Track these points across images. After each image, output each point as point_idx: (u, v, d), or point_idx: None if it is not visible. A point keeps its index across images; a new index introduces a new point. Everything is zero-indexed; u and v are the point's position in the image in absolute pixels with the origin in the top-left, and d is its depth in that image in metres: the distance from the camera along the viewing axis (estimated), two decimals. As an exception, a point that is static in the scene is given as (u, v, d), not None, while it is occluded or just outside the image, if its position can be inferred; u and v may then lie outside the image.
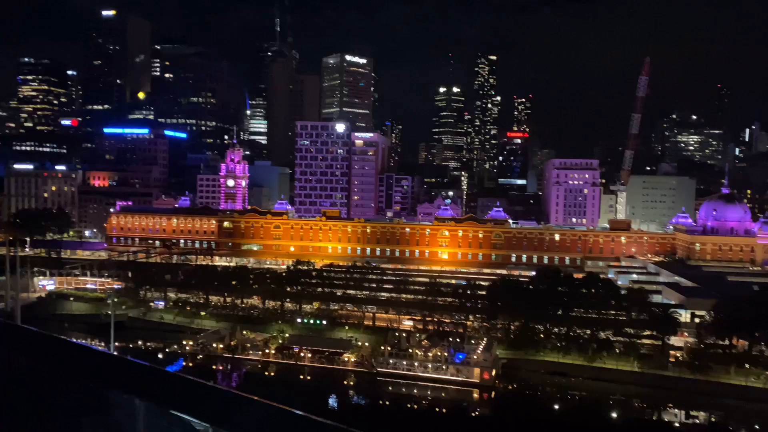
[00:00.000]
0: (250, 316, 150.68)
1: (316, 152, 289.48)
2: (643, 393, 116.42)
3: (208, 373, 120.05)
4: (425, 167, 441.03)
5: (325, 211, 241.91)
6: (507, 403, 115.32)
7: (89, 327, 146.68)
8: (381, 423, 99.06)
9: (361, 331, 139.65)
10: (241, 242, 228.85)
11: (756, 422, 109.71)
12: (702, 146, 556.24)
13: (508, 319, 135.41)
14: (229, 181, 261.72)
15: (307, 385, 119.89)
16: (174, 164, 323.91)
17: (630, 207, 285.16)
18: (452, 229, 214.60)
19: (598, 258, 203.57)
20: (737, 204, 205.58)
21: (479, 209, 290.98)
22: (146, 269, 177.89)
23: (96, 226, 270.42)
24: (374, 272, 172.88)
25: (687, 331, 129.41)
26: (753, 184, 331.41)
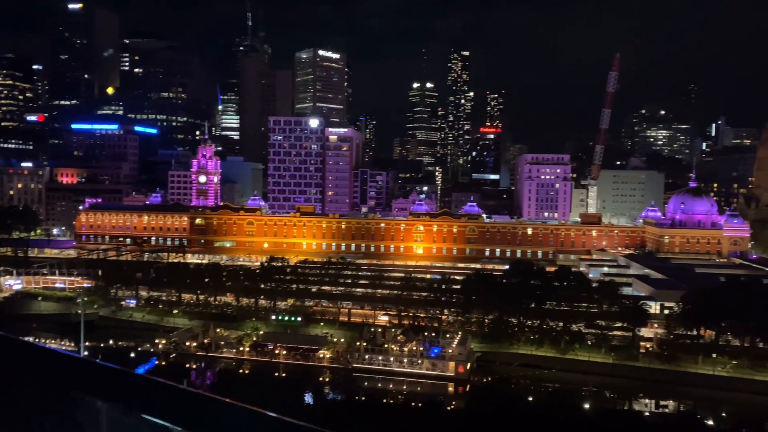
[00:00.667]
0: (224, 314, 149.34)
1: (289, 147, 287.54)
2: (615, 383, 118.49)
3: (181, 372, 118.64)
4: (399, 162, 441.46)
5: (300, 206, 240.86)
6: (482, 396, 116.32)
7: (58, 327, 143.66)
8: (357, 419, 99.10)
9: (336, 327, 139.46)
10: (213, 239, 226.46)
11: (723, 410, 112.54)
12: (670, 141, 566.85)
13: (482, 313, 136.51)
14: (201, 177, 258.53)
15: (282, 382, 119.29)
16: (144, 160, 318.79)
17: (601, 201, 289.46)
18: (427, 224, 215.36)
19: (569, 251, 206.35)
20: (704, 197, 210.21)
21: (453, 204, 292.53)
22: (117, 267, 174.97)
23: (64, 224, 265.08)
24: (349, 268, 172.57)
25: (657, 322, 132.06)
26: (719, 177, 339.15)
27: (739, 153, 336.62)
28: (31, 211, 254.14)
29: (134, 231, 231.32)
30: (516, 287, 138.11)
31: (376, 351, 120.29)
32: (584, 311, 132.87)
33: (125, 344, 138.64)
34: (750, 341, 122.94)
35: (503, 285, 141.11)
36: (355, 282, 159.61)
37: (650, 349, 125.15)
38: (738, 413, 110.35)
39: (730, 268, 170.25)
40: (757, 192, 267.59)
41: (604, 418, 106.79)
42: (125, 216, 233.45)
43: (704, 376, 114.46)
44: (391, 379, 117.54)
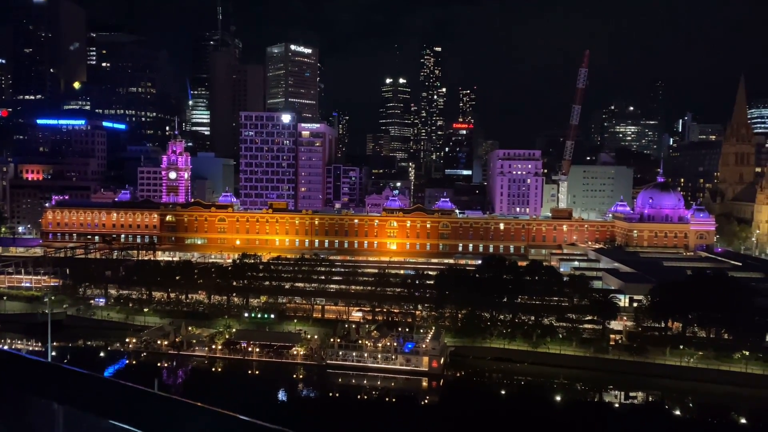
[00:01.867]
0: (196, 312, 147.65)
1: (261, 143, 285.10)
2: (585, 376, 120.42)
3: (152, 371, 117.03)
4: (373, 158, 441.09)
5: (272, 203, 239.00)
6: (455, 390, 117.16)
7: (25, 327, 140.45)
8: (331, 415, 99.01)
9: (309, 324, 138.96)
10: (184, 236, 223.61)
11: (689, 400, 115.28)
12: (639, 136, 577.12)
13: (455, 308, 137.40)
14: (171, 173, 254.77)
15: (255, 380, 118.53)
16: (113, 156, 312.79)
17: (571, 196, 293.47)
18: (400, 219, 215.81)
19: (541, 246, 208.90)
20: (671, 192, 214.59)
21: (427, 200, 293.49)
22: (85, 265, 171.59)
23: (30, 222, 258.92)
24: (323, 264, 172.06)
25: (626, 315, 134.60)
26: (686, 172, 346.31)
27: (705, 149, 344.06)
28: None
29: (103, 228, 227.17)
30: (488, 282, 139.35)
31: (350, 347, 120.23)
32: (555, 305, 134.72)
33: (95, 344, 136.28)
34: (715, 333, 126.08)
35: (476, 280, 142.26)
36: (329, 278, 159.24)
37: (620, 341, 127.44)
38: (704, 403, 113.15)
39: (696, 261, 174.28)
40: (722, 187, 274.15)
41: (575, 410, 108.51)
42: (93, 213, 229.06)
43: (672, 367, 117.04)
44: (366, 375, 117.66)
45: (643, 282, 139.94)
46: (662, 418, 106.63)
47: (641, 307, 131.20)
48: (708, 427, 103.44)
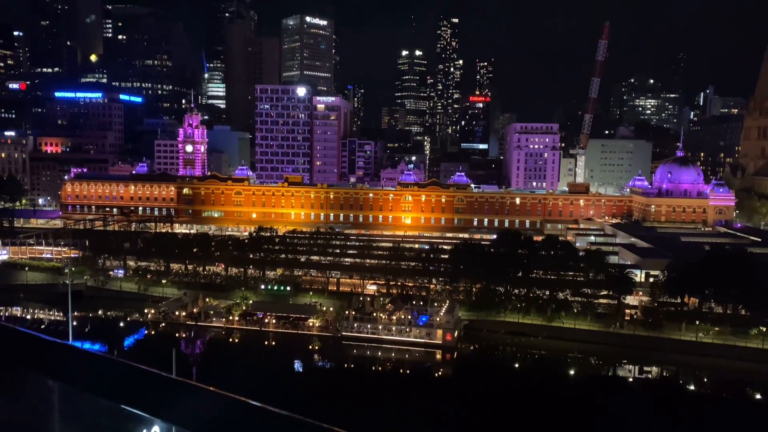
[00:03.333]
0: (213, 284, 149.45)
1: (276, 117, 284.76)
2: (600, 350, 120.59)
3: (171, 341, 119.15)
4: (388, 132, 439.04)
5: (287, 176, 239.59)
6: (469, 362, 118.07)
7: (47, 297, 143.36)
8: (346, 385, 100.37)
9: (325, 297, 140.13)
10: (201, 209, 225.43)
11: (704, 375, 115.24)
12: (658, 110, 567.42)
13: (470, 282, 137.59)
14: (187, 146, 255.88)
15: (272, 350, 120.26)
16: (130, 129, 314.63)
17: (589, 170, 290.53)
18: (415, 194, 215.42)
19: (557, 221, 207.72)
20: (691, 167, 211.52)
21: (442, 174, 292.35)
22: (104, 237, 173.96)
23: (50, 194, 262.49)
24: (338, 238, 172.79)
25: (642, 290, 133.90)
26: (706, 147, 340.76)
27: (727, 122, 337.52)
28: (15, 180, 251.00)
29: (121, 201, 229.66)
30: (503, 256, 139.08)
31: (364, 319, 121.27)
32: (571, 280, 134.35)
33: (114, 314, 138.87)
34: (732, 309, 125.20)
35: (491, 254, 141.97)
36: (344, 252, 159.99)
37: (635, 316, 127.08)
38: (719, 378, 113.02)
39: (714, 237, 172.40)
40: (743, 161, 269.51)
41: (588, 383, 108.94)
42: (111, 186, 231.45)
43: (687, 343, 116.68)
44: (380, 347, 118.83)
45: (660, 257, 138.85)
46: (676, 393, 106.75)
47: (657, 282, 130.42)
48: (722, 402, 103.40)
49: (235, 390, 18.53)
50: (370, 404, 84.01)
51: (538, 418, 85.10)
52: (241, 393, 17.94)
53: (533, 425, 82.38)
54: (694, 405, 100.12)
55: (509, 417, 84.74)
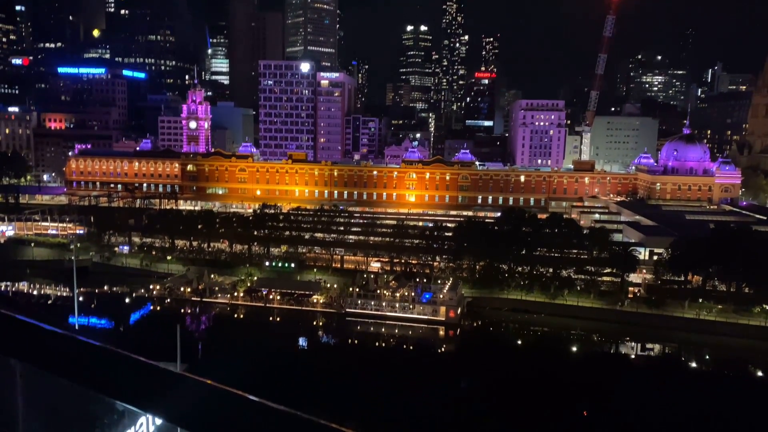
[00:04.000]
0: (218, 260, 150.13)
1: (280, 93, 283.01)
2: (602, 328, 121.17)
3: (176, 317, 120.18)
4: (392, 108, 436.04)
5: (291, 153, 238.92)
6: (472, 339, 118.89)
7: (53, 273, 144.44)
8: (350, 360, 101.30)
9: (329, 274, 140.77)
10: (205, 186, 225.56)
11: (706, 352, 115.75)
12: (666, 87, 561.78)
13: (473, 260, 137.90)
14: (191, 123, 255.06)
15: (276, 326, 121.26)
16: (133, 105, 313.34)
17: (594, 147, 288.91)
18: (419, 171, 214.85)
19: (562, 198, 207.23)
20: (697, 144, 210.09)
21: (446, 151, 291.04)
22: (109, 214, 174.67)
23: (54, 170, 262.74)
24: (342, 215, 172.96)
25: (645, 268, 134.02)
26: (713, 124, 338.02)
27: (735, 99, 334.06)
28: (20, 157, 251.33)
29: (125, 177, 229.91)
30: (507, 234, 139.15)
31: (368, 296, 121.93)
32: (574, 257, 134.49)
33: (119, 290, 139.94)
34: (736, 286, 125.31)
35: (494, 232, 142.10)
36: (348, 229, 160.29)
37: (638, 294, 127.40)
38: (721, 356, 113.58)
39: (720, 215, 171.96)
40: (750, 139, 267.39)
41: (590, 360, 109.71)
42: (116, 162, 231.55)
43: (690, 320, 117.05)
44: (384, 324, 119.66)
45: (665, 235, 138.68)
46: (678, 371, 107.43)
47: (661, 260, 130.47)
48: (724, 379, 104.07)
49: (240, 365, 18.99)
50: (373, 379, 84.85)
51: (539, 393, 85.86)
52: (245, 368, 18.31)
53: (534, 400, 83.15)
54: (696, 382, 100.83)
55: (511, 392, 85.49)
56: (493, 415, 77.98)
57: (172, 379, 4.60)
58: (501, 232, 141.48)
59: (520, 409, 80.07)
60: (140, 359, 4.80)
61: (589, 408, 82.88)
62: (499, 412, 78.80)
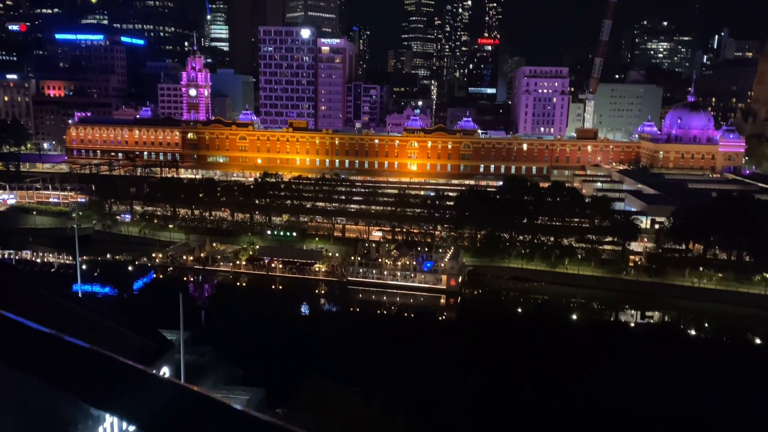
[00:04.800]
0: (220, 229, 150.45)
1: (280, 59, 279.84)
2: (602, 296, 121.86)
3: (179, 285, 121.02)
4: (394, 76, 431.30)
5: (292, 121, 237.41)
6: (472, 307, 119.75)
7: (55, 241, 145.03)
8: (351, 327, 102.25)
9: (331, 242, 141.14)
10: (206, 154, 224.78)
11: (705, 320, 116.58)
12: (671, 54, 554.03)
13: (474, 229, 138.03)
14: (191, 90, 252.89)
15: (278, 294, 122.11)
16: (132, 72, 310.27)
17: (597, 115, 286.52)
18: (421, 140, 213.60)
19: (564, 167, 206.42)
20: (702, 112, 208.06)
21: (449, 119, 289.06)
22: (110, 182, 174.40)
23: (54, 138, 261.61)
24: (343, 184, 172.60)
25: (647, 236, 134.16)
26: (719, 91, 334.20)
27: (741, 66, 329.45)
28: (19, 125, 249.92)
29: (126, 146, 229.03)
30: (509, 203, 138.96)
31: (370, 265, 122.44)
32: (576, 226, 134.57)
33: (122, 258, 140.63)
34: (737, 255, 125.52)
35: (496, 201, 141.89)
36: (349, 198, 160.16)
37: (639, 262, 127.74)
38: (720, 324, 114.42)
39: (722, 184, 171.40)
40: (755, 106, 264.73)
41: (590, 328, 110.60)
42: (116, 130, 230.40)
43: (690, 289, 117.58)
44: (385, 292, 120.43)
45: (666, 204, 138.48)
46: (677, 338, 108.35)
47: (663, 229, 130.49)
48: (722, 347, 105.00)
49: (242, 332, 18.95)
50: (374, 346, 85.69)
51: (538, 359, 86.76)
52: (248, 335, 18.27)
53: (533, 367, 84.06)
54: (694, 349, 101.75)
55: (510, 358, 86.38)
56: (492, 383, 78.92)
57: (138, 379, 4.33)
58: (503, 201, 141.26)
59: (518, 375, 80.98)
60: (106, 355, 4.56)
61: (588, 375, 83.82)
62: (498, 379, 79.72)
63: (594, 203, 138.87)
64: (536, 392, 76.33)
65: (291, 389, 48.16)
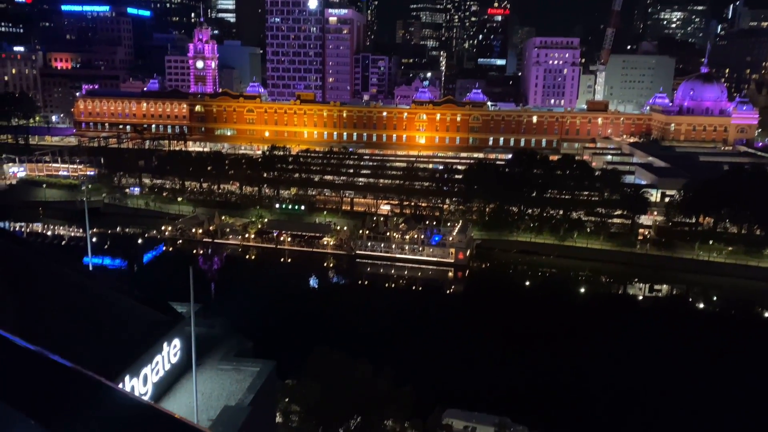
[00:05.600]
0: (228, 202, 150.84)
1: (287, 30, 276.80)
2: (611, 269, 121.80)
3: (188, 258, 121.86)
4: (402, 47, 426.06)
5: (300, 94, 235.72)
6: (480, 280, 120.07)
7: (65, 213, 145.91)
8: (359, 300, 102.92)
9: (339, 216, 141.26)
10: (214, 127, 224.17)
11: (714, 294, 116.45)
12: (684, 24, 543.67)
13: (483, 202, 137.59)
14: (198, 62, 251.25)
15: (287, 266, 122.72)
16: (139, 45, 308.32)
17: (608, 87, 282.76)
18: (430, 112, 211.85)
19: (574, 140, 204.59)
20: (715, 84, 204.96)
21: (458, 91, 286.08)
22: (118, 155, 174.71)
23: (62, 111, 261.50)
24: (351, 158, 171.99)
25: (657, 210, 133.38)
26: (732, 62, 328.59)
27: (756, 36, 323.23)
28: (27, 97, 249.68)
29: (133, 118, 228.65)
30: (518, 176, 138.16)
31: (378, 238, 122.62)
32: (585, 199, 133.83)
33: (132, 231, 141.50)
34: (747, 228, 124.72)
35: (505, 174, 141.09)
36: (357, 172, 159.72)
37: (648, 236, 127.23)
38: (729, 296, 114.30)
39: (734, 156, 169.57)
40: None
41: (598, 301, 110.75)
42: (123, 103, 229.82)
43: (699, 262, 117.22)
44: (393, 265, 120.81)
45: (677, 177, 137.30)
46: (685, 310, 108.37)
47: (673, 202, 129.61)
48: (730, 320, 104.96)
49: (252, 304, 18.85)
50: (382, 318, 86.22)
51: (545, 332, 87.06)
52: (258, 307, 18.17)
53: (539, 338, 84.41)
54: (703, 322, 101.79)
55: (517, 331, 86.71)
56: (500, 355, 79.42)
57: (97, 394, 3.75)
58: (512, 174, 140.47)
59: (526, 348, 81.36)
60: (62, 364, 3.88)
61: (595, 346, 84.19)
62: (506, 351, 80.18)
63: (604, 176, 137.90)
64: (543, 364, 76.75)
65: (300, 361, 48.61)
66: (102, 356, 20.22)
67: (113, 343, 20.98)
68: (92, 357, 19.92)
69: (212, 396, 23.48)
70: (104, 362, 20.22)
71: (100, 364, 20.02)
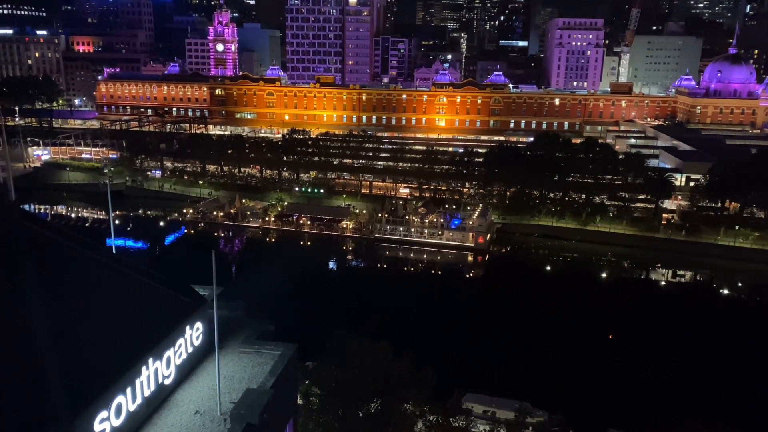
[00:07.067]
0: (249, 185, 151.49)
1: (307, 13, 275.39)
2: (634, 254, 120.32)
3: (210, 240, 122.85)
4: (422, 28, 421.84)
5: (319, 77, 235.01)
6: (500, 264, 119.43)
7: (88, 196, 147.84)
8: (379, 283, 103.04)
9: (358, 199, 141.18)
10: (234, 110, 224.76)
11: (739, 280, 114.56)
12: (712, 3, 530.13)
13: (504, 186, 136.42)
14: (218, 45, 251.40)
15: (307, 249, 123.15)
16: (159, 27, 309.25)
17: (633, 69, 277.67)
18: (450, 95, 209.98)
19: (597, 123, 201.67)
20: (743, 65, 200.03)
21: (479, 73, 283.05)
22: (140, 138, 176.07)
23: (85, 94, 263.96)
24: (370, 141, 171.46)
25: (681, 194, 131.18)
26: (762, 43, 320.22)
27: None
28: (51, 80, 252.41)
29: (155, 102, 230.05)
30: (540, 159, 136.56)
31: (397, 222, 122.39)
32: (608, 183, 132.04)
33: (154, 213, 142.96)
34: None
35: (527, 157, 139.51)
36: (377, 155, 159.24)
37: (672, 221, 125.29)
38: (754, 282, 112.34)
39: (762, 140, 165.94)
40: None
41: (620, 285, 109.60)
42: (144, 86, 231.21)
43: (724, 248, 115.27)
44: (413, 249, 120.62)
45: (703, 160, 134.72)
46: (708, 296, 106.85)
47: (698, 186, 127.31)
48: (755, 306, 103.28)
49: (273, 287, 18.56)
50: (402, 302, 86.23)
51: (565, 316, 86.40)
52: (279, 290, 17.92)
53: (560, 322, 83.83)
54: (726, 308, 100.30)
55: (538, 314, 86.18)
56: (520, 339, 79.05)
57: None
58: (533, 157, 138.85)
59: (546, 331, 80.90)
60: None
61: (617, 333, 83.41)
62: (527, 335, 79.80)
63: (627, 160, 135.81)
64: (564, 349, 76.23)
65: (321, 344, 48.76)
66: (126, 339, 20.32)
67: (137, 325, 21.06)
68: (117, 339, 20.04)
69: (234, 378, 23.55)
70: (128, 345, 20.32)
71: (125, 346, 20.14)
